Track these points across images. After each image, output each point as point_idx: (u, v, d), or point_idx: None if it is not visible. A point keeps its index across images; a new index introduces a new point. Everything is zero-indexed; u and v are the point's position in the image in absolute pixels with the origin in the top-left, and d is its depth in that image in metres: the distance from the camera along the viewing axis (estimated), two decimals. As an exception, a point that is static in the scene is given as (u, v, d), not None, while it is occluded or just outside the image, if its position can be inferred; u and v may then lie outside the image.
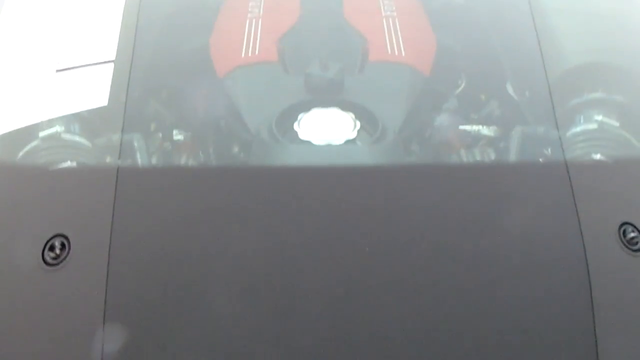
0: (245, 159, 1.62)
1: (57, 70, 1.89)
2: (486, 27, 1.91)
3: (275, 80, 1.77)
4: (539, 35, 1.77)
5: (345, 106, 1.66)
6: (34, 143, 1.60)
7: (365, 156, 1.56)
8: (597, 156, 1.56)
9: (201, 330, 1.27)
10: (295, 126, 1.62)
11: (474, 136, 1.73)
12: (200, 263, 1.34)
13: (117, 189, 1.43)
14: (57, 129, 1.60)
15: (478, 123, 1.75)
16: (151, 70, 1.84)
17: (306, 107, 1.66)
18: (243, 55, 1.81)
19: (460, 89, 1.84)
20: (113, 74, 1.75)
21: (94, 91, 1.78)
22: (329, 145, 1.59)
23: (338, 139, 1.60)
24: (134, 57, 1.77)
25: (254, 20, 1.88)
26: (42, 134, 1.60)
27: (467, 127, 1.75)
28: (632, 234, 1.39)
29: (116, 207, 1.40)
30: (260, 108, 1.70)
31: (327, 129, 1.62)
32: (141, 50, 1.79)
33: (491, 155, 1.66)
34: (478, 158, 1.65)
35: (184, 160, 1.70)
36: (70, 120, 1.65)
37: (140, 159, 1.59)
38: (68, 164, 1.54)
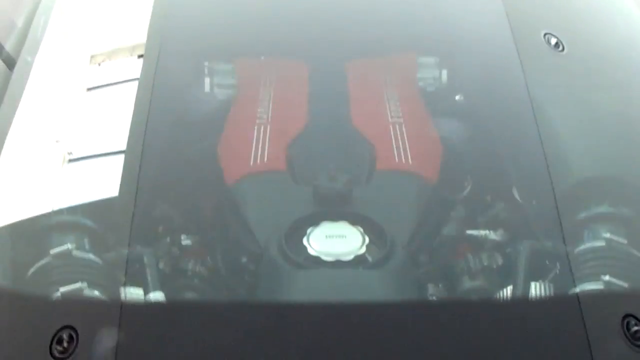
0: (256, 281, 1.65)
1: (70, 160, 1.98)
2: (491, 132, 1.96)
3: (284, 190, 1.81)
4: (543, 143, 1.80)
5: (354, 220, 1.70)
6: (44, 260, 1.61)
7: (373, 284, 1.59)
8: (607, 277, 1.57)
9: None
10: (305, 241, 1.65)
11: (481, 246, 1.75)
12: None
13: (122, 306, 1.49)
14: (68, 246, 1.63)
15: (485, 229, 1.77)
16: (160, 170, 1.87)
17: (315, 221, 1.69)
18: (252, 163, 1.85)
19: (466, 195, 1.85)
20: (123, 167, 1.80)
21: (102, 186, 1.86)
22: (338, 266, 1.62)
23: (347, 255, 1.63)
24: (144, 152, 1.81)
25: (262, 127, 1.93)
26: (53, 251, 1.63)
27: (474, 234, 1.77)
28: None
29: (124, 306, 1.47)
30: (270, 220, 1.74)
31: (336, 246, 1.65)
32: (150, 148, 1.83)
33: (497, 275, 1.68)
34: (483, 281, 1.67)
35: (191, 266, 1.71)
36: (80, 231, 1.68)
37: (148, 271, 1.61)
38: (78, 284, 1.57)
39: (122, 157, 1.86)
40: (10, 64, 2.21)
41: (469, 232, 1.77)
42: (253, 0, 2.27)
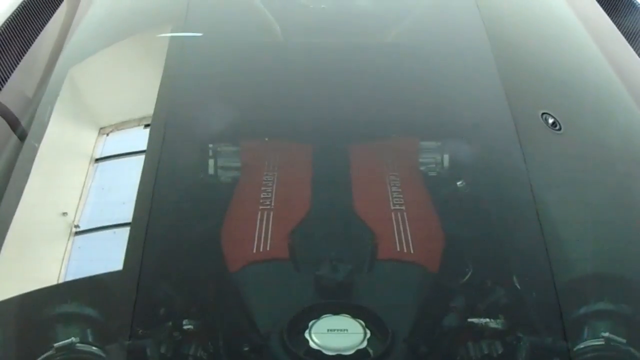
0: None
1: (76, 233, 2.02)
2: (493, 220, 1.99)
3: (286, 279, 1.85)
4: (544, 231, 1.84)
5: (355, 313, 1.72)
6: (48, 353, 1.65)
7: None
8: None
9: None
10: (307, 334, 1.67)
11: (481, 334, 1.75)
12: None
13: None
14: (72, 340, 1.65)
15: (485, 318, 1.77)
16: (163, 252, 1.90)
17: (316, 313, 1.72)
18: (255, 250, 1.87)
19: (467, 284, 1.86)
20: (127, 246, 1.84)
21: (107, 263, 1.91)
22: (339, 359, 1.63)
23: (349, 350, 1.65)
24: (148, 233, 1.85)
25: (265, 213, 1.96)
26: (56, 345, 1.65)
27: (475, 322, 1.77)
28: None
29: None
30: (271, 310, 1.77)
31: (338, 340, 1.66)
32: (155, 227, 1.87)
33: None
34: None
35: (192, 352, 1.72)
36: (83, 322, 1.71)
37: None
38: None
39: (127, 229, 1.91)
40: (24, 138, 2.28)
41: (470, 320, 1.78)
42: (260, 82, 2.34)
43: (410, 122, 2.21)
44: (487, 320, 1.76)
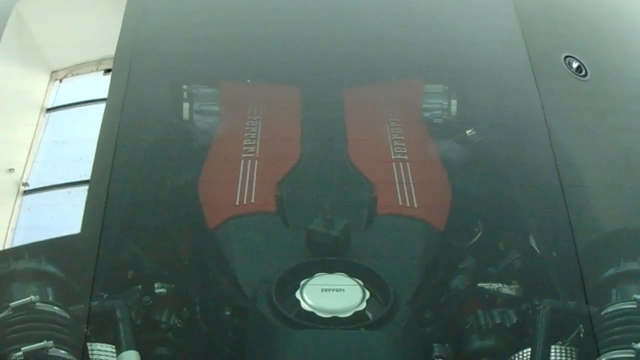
0: (240, 338, 1.68)
1: (25, 192, 2.06)
2: (506, 172, 2.02)
3: (274, 235, 1.86)
4: (564, 187, 1.89)
5: (352, 271, 1.73)
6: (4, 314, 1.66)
7: (374, 345, 1.63)
8: (638, 345, 1.61)
9: None
10: (298, 295, 1.68)
11: (493, 300, 1.81)
12: None
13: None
14: (32, 298, 1.66)
15: (498, 283, 1.83)
16: (130, 208, 1.93)
17: (309, 271, 1.73)
18: (237, 203, 1.89)
19: (477, 244, 1.92)
20: (86, 202, 1.87)
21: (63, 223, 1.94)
22: (335, 323, 1.65)
23: (346, 311, 1.67)
24: (111, 186, 1.86)
25: (249, 161, 1.99)
26: (13, 304, 1.66)
27: (486, 287, 1.83)
28: None
29: None
30: (257, 269, 1.79)
31: (333, 301, 1.68)
32: (119, 181, 1.89)
33: (511, 336, 1.73)
34: (496, 341, 1.74)
35: (165, 318, 1.76)
36: (41, 279, 1.74)
37: (119, 325, 1.67)
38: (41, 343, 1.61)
39: (85, 189, 1.93)
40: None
41: (481, 285, 1.82)
42: (241, 13, 2.33)
43: (415, 61, 2.22)
44: (500, 285, 1.82)
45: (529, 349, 1.69)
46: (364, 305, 1.68)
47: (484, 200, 2.01)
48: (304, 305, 1.68)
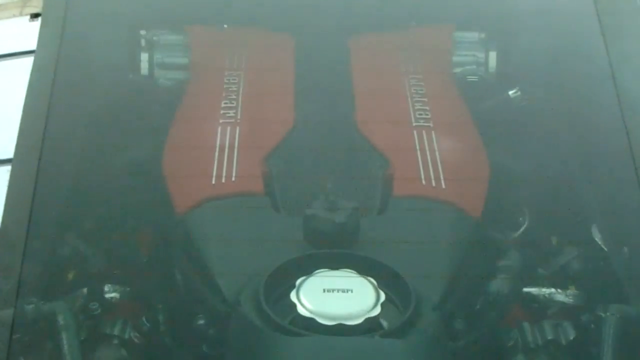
0: (219, 354, 1.63)
1: None
2: (561, 143, 1.99)
3: (261, 222, 1.80)
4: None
5: (362, 267, 1.65)
6: None
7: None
8: None
9: None
10: (293, 297, 1.59)
11: (543, 311, 1.76)
12: None
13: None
14: None
15: (549, 287, 1.78)
16: (66, 190, 1.88)
17: (307, 267, 1.65)
18: (214, 182, 1.83)
19: (523, 237, 1.89)
20: (9, 183, 1.77)
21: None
22: (341, 332, 1.56)
23: (354, 318, 1.57)
24: (41, 161, 1.79)
25: (228, 128, 1.92)
26: None
27: (535, 292, 1.78)
28: None
29: None
30: (241, 265, 1.71)
31: (338, 304, 1.59)
32: (51, 156, 1.82)
33: (567, 356, 1.67)
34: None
35: (119, 330, 1.70)
36: None
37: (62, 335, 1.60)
38: None
39: (7, 169, 1.83)
40: None
41: (528, 290, 1.77)
42: None
43: (442, 2, 2.19)
44: (553, 290, 1.77)
45: None
46: (377, 311, 1.59)
47: (531, 181, 1.95)
48: (301, 309, 1.58)
